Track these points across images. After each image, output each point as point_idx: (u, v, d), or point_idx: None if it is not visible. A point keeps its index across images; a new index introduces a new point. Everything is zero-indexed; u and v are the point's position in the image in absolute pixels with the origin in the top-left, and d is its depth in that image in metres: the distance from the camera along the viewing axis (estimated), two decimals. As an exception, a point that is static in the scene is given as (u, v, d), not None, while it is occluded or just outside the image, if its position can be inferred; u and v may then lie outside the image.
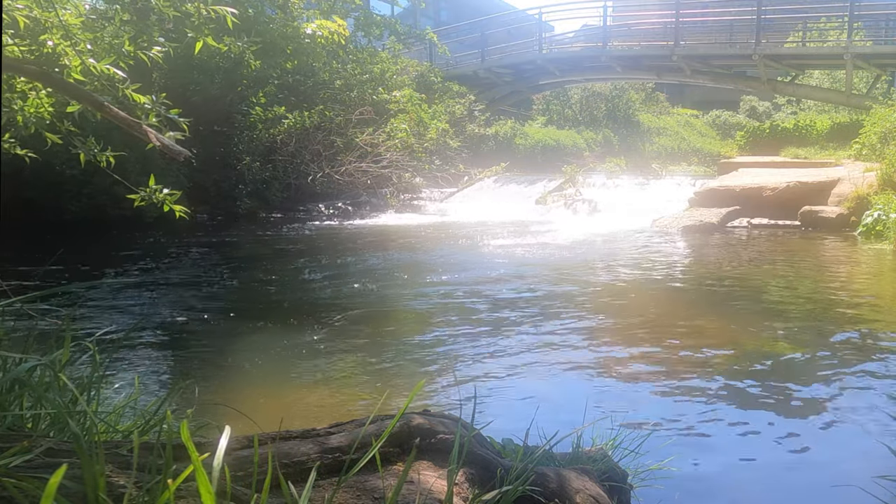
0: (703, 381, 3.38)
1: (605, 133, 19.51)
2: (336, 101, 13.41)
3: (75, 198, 10.22)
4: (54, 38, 3.42)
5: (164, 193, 3.91)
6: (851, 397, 3.16)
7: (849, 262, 7.11)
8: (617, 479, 1.81)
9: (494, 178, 15.60)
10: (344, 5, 15.75)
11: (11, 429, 1.22)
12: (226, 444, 0.92)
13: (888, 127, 11.17)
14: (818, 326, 4.46)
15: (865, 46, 15.62)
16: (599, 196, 12.84)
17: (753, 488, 2.35)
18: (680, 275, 6.56)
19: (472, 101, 19.14)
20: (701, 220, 9.90)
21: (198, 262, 7.43)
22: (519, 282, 6.06)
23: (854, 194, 9.66)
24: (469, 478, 1.32)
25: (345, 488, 1.16)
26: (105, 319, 4.69)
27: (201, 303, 5.35)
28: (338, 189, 12.71)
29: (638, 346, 4.05)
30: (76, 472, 0.91)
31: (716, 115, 23.40)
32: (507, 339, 4.20)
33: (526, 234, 9.57)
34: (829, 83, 19.99)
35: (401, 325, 4.71)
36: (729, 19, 17.87)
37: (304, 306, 5.20)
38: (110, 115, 3.45)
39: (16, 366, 1.30)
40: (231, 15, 3.62)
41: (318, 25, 5.74)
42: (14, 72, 3.56)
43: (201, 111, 11.72)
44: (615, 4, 23.31)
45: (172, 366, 3.79)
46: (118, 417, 1.68)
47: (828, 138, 15.92)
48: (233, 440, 1.16)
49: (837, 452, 2.61)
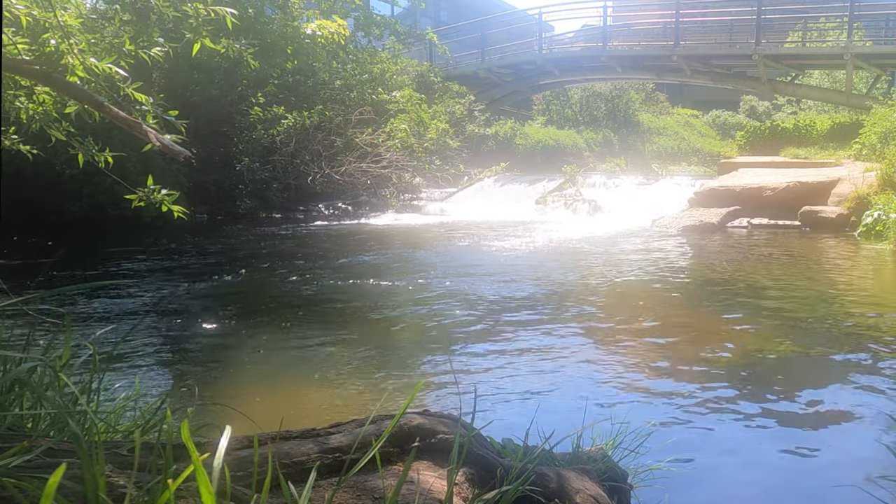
0: (703, 381, 3.38)
1: (605, 133, 19.50)
2: (336, 101, 13.41)
3: (75, 198, 10.22)
4: (55, 37, 3.43)
5: (162, 194, 3.91)
6: (852, 397, 3.16)
7: (849, 263, 7.11)
8: (617, 479, 1.81)
9: (494, 178, 15.60)
10: (344, 5, 15.75)
11: (11, 429, 1.22)
12: (226, 444, 0.92)
13: (888, 127, 11.16)
14: (818, 326, 4.46)
15: (865, 46, 15.61)
16: (599, 196, 12.84)
17: (753, 488, 2.35)
18: (680, 275, 6.55)
19: (472, 101, 19.14)
20: (701, 220, 9.90)
21: (198, 262, 7.43)
22: (519, 282, 6.06)
23: (854, 194, 9.66)
24: (469, 478, 1.32)
25: (345, 488, 1.16)
26: (105, 319, 4.69)
27: (201, 302, 5.35)
28: (338, 189, 12.72)
29: (638, 346, 4.05)
30: (76, 472, 0.91)
31: (716, 115, 23.39)
32: (507, 338, 4.20)
33: (526, 234, 9.57)
34: (829, 83, 19.97)
35: (401, 324, 4.71)
36: (729, 19, 17.87)
37: (303, 306, 5.20)
38: (110, 115, 3.45)
39: (16, 366, 1.30)
40: (231, 15, 3.62)
41: (317, 25, 5.73)
42: (14, 72, 3.56)
43: (201, 111, 11.73)
44: (615, 4, 23.34)
45: (172, 366, 3.78)
46: (118, 417, 1.68)
47: (828, 138, 15.90)
48: (233, 440, 1.16)
49: (838, 453, 2.61)
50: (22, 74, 3.62)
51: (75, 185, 9.90)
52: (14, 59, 3.40)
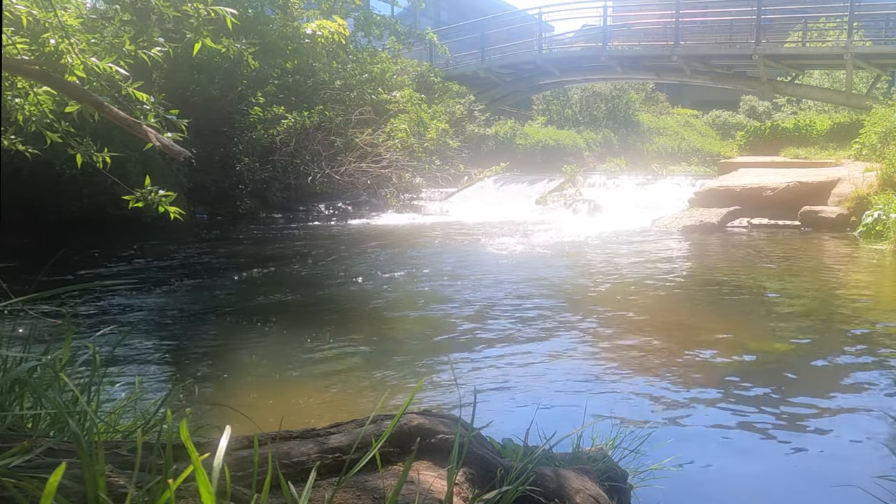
0: (703, 381, 3.38)
1: (605, 133, 19.50)
2: (336, 101, 13.41)
3: (75, 198, 10.22)
4: (55, 37, 3.43)
5: (159, 194, 3.91)
6: (852, 397, 3.16)
7: (849, 263, 7.11)
8: (617, 479, 1.81)
9: (494, 178, 15.60)
10: (344, 5, 15.75)
11: (11, 429, 1.22)
12: (226, 444, 0.92)
13: (888, 127, 11.16)
14: (818, 327, 4.46)
15: (865, 46, 15.61)
16: (599, 196, 12.84)
17: (753, 488, 2.35)
18: (680, 275, 6.55)
19: (472, 101, 19.14)
20: (701, 220, 9.90)
21: (198, 262, 7.43)
22: (519, 282, 6.06)
23: (854, 194, 9.66)
24: (469, 478, 1.32)
25: (345, 488, 1.16)
26: (105, 319, 4.69)
27: (201, 302, 5.35)
28: (338, 189, 12.71)
29: (638, 346, 4.05)
30: (76, 472, 0.91)
31: (716, 115, 23.39)
32: (508, 339, 4.20)
33: (526, 234, 9.57)
34: (829, 83, 19.97)
35: (401, 324, 4.71)
36: (729, 19, 17.87)
37: (303, 306, 5.20)
38: (110, 115, 3.45)
39: (16, 365, 1.30)
40: (231, 15, 3.62)
41: (317, 25, 5.73)
42: (14, 72, 3.56)
43: (201, 111, 11.73)
44: (615, 4, 23.32)
45: (172, 366, 3.78)
46: (118, 417, 1.68)
47: (828, 138, 15.89)
48: (233, 440, 1.16)
49: (838, 452, 2.61)
50: (22, 74, 3.61)
51: (75, 185, 9.89)
52: (14, 59, 3.40)
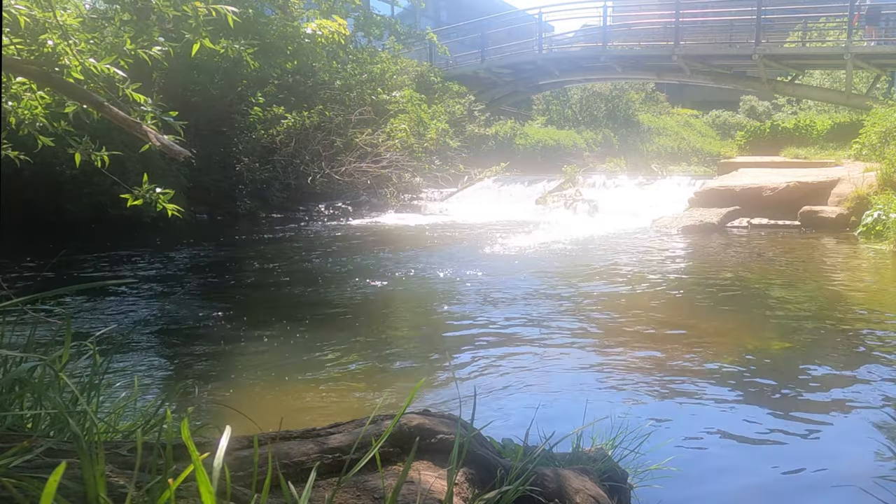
0: (703, 381, 3.38)
1: (605, 133, 19.51)
2: (336, 101, 13.40)
3: (75, 198, 10.21)
4: (54, 37, 3.42)
5: (157, 193, 3.91)
6: (852, 397, 3.16)
7: (849, 263, 7.11)
8: (617, 479, 1.81)
9: (494, 178, 15.60)
10: (344, 5, 15.73)
11: (11, 429, 1.22)
12: (226, 444, 0.92)
13: (888, 127, 11.15)
14: (818, 327, 4.46)
15: (865, 46, 15.60)
16: (599, 196, 12.84)
17: (753, 488, 2.35)
18: (680, 275, 6.56)
19: (471, 101, 19.14)
20: (701, 220, 9.89)
21: (197, 262, 7.43)
22: (518, 282, 6.06)
23: (854, 194, 9.66)
24: (469, 478, 1.32)
25: (345, 488, 1.16)
26: (105, 319, 4.69)
27: (201, 302, 5.35)
28: (338, 189, 12.71)
29: (638, 345, 4.05)
30: (76, 472, 0.91)
31: (716, 115, 23.40)
32: (507, 339, 4.20)
33: (526, 234, 9.57)
34: (829, 83, 19.97)
35: (401, 324, 4.71)
36: (729, 19, 17.86)
37: (304, 306, 5.20)
38: (110, 115, 3.45)
39: (16, 365, 1.30)
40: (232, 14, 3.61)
41: (317, 25, 5.72)
42: (14, 72, 3.56)
43: (201, 111, 11.73)
44: (615, 4, 23.32)
45: (172, 366, 3.78)
46: (118, 417, 1.68)
47: (828, 138, 15.88)
48: (233, 440, 1.16)
49: (838, 452, 2.61)
50: (21, 74, 3.61)
51: (75, 185, 9.89)
52: (13, 60, 3.40)
